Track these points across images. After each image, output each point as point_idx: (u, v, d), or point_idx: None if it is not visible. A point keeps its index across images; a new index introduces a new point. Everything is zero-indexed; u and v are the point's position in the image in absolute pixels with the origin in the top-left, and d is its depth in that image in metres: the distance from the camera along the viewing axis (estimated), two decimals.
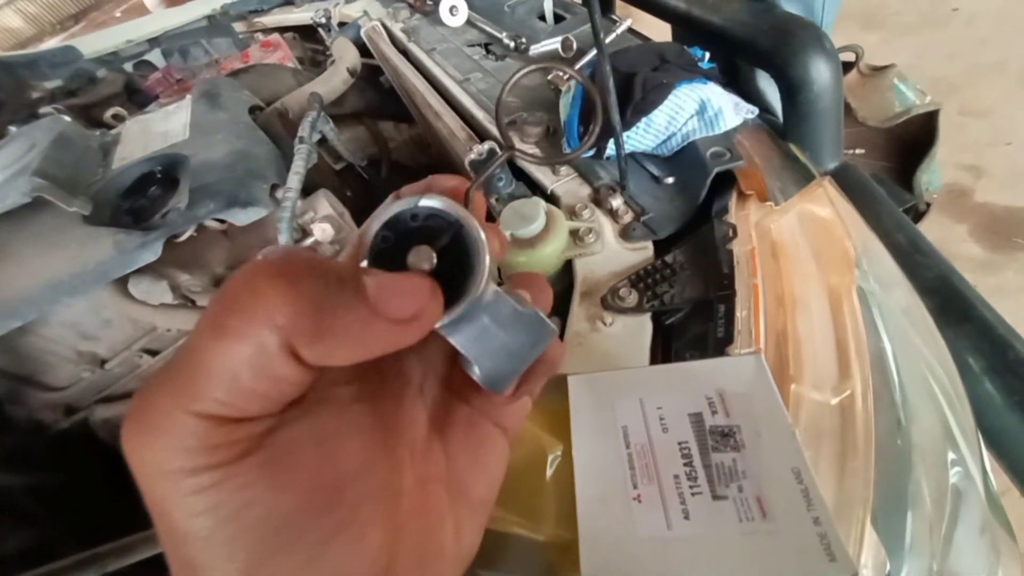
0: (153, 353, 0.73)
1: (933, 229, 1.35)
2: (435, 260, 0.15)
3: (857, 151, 0.90)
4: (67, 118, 0.72)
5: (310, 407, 0.14)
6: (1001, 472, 0.47)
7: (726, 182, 0.50)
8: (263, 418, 0.13)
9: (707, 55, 0.63)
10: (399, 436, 0.17)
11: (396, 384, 0.18)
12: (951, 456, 0.39)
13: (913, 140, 0.85)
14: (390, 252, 0.15)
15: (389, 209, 0.16)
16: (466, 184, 0.17)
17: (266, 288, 0.12)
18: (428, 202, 0.15)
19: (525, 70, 0.21)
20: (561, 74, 0.65)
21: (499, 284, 0.19)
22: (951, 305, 0.53)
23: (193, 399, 0.12)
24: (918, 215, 0.85)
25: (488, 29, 0.87)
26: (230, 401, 0.12)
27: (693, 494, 0.22)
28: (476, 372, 0.16)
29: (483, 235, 0.15)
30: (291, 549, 0.13)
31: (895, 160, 0.90)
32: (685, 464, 0.23)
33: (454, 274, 0.15)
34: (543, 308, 0.19)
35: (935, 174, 0.83)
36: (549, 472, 0.25)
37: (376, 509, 0.15)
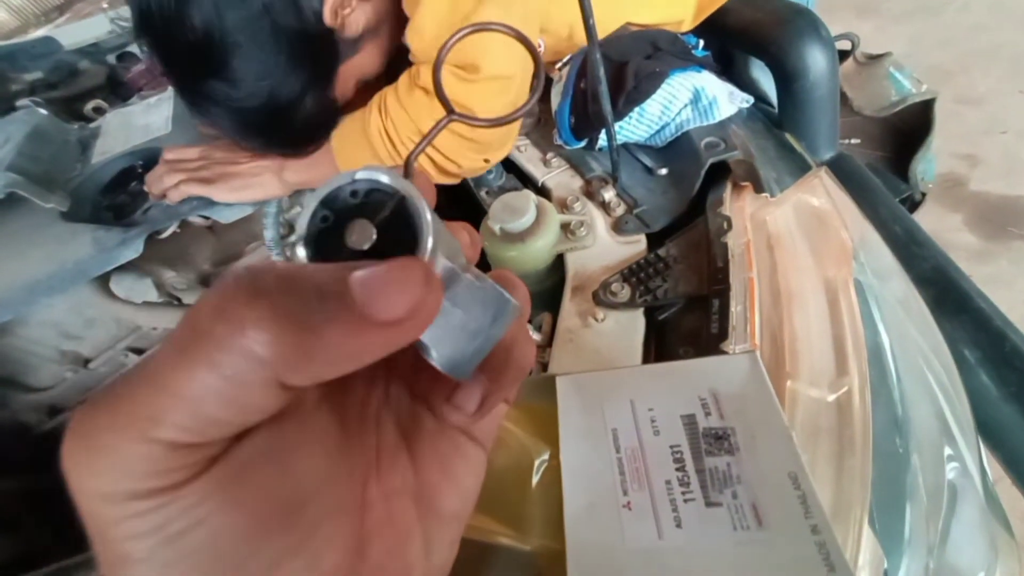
0: (139, 352, 0.72)
1: (928, 219, 1.35)
2: (375, 236, 0.14)
3: (852, 141, 0.89)
4: (43, 111, 0.70)
5: (271, 421, 0.13)
6: (994, 462, 0.47)
7: (721, 173, 0.49)
8: (222, 441, 0.12)
9: (701, 43, 0.62)
10: (362, 445, 0.16)
11: (360, 389, 0.17)
12: (948, 451, 0.38)
13: (908, 129, 0.85)
14: (329, 233, 0.14)
15: (326, 185, 0.14)
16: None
17: (241, 314, 0.11)
18: (366, 174, 0.14)
19: (463, 32, 0.20)
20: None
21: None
22: (947, 296, 0.53)
23: (151, 425, 0.11)
24: (913, 205, 0.84)
25: None
26: (193, 427, 0.11)
27: (685, 501, 0.21)
28: (434, 356, 0.15)
29: (425, 204, 0.14)
30: (237, 574, 0.11)
31: (890, 149, 0.89)
32: (677, 469, 0.22)
33: (399, 252, 0.14)
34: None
35: (930, 163, 0.82)
36: (536, 478, 0.24)
37: (336, 528, 0.14)
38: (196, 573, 0.11)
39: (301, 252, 0.14)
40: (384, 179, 0.14)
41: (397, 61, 0.59)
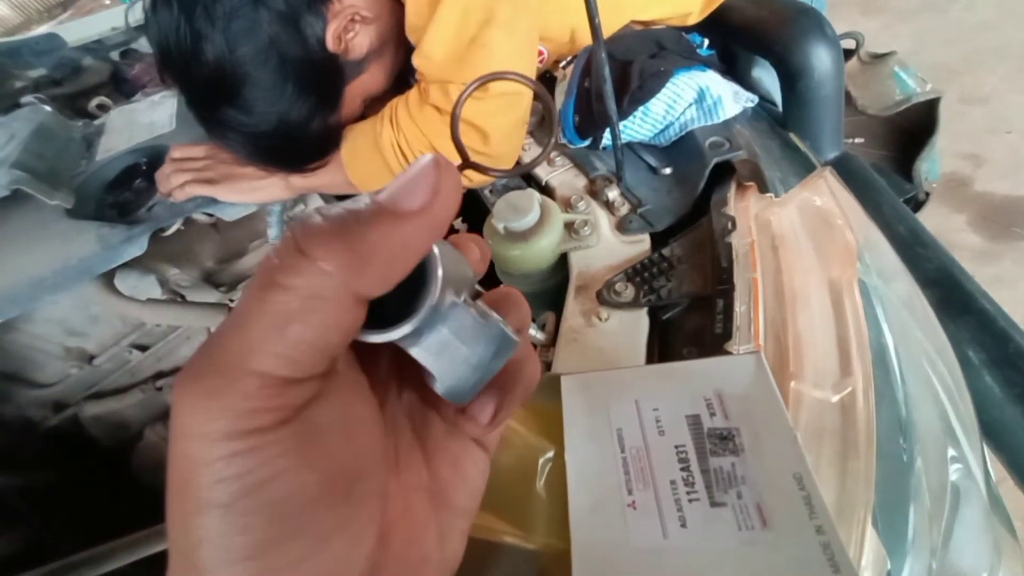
0: (143, 348, 0.72)
1: (932, 219, 1.34)
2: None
3: (856, 140, 0.89)
4: (48, 108, 0.70)
5: (338, 388, 0.14)
6: (996, 462, 0.47)
7: (725, 173, 0.49)
8: (306, 384, 0.13)
9: (706, 42, 0.61)
10: (388, 439, 0.17)
11: (380, 389, 0.18)
12: (952, 453, 0.38)
13: (913, 129, 0.84)
14: None
15: None
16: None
17: (301, 245, 0.12)
18: None
19: (478, 82, 0.21)
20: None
21: (477, 296, 0.18)
22: (952, 297, 0.53)
23: (249, 356, 0.12)
24: (917, 205, 0.84)
25: None
26: (286, 353, 0.12)
27: (690, 501, 0.21)
28: (437, 385, 0.16)
29: (435, 248, 0.15)
30: (298, 537, 0.12)
31: (895, 149, 0.88)
32: (682, 469, 0.22)
33: (414, 288, 0.15)
34: (518, 323, 0.18)
35: (935, 163, 0.82)
36: (541, 477, 0.24)
37: (373, 512, 0.15)
38: (268, 528, 0.12)
39: None
40: None
41: (402, 72, 0.60)
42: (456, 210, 0.14)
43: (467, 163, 0.20)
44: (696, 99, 0.53)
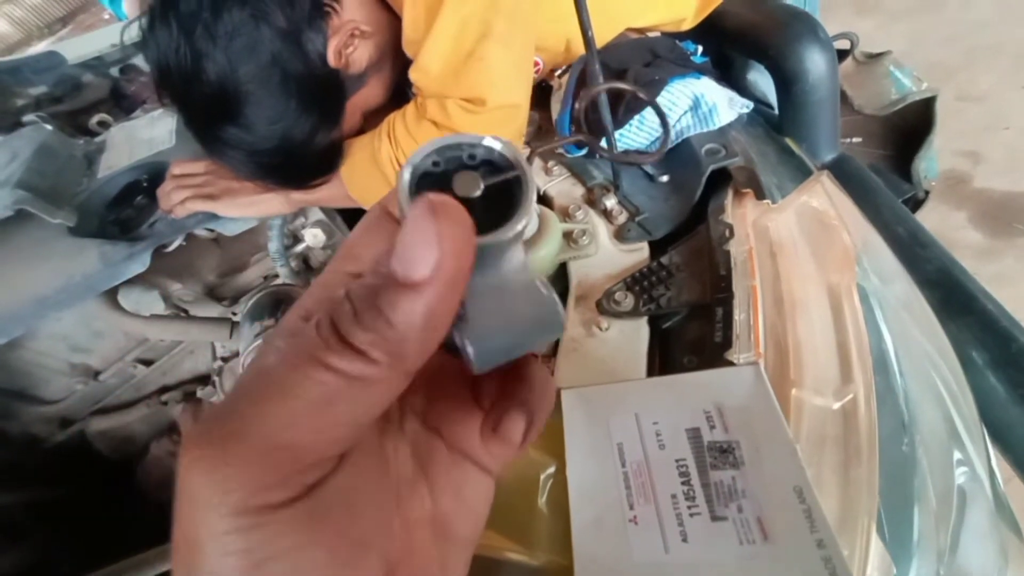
0: (147, 363, 0.72)
1: (932, 217, 1.34)
2: (480, 191, 0.14)
3: (854, 140, 0.89)
4: (49, 127, 0.71)
5: (350, 464, 0.14)
6: (1002, 461, 0.47)
7: (722, 179, 0.49)
8: (320, 465, 0.13)
9: (699, 49, 0.62)
10: (389, 478, 0.16)
11: (381, 423, 0.17)
12: (957, 456, 0.38)
13: (910, 127, 0.84)
14: (435, 180, 0.14)
15: (447, 138, 0.14)
16: None
17: (351, 334, 0.12)
18: (491, 143, 0.14)
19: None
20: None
21: None
22: (953, 298, 0.53)
23: (289, 427, 0.12)
24: (917, 204, 0.84)
25: None
26: (327, 431, 0.12)
27: (691, 515, 0.21)
28: (468, 333, 0.14)
29: (534, 191, 0.14)
30: None
31: (892, 148, 0.89)
32: (683, 483, 0.22)
33: (493, 221, 0.14)
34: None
35: (933, 161, 0.82)
36: (543, 494, 0.24)
37: (378, 569, 0.14)
38: None
39: (406, 176, 0.14)
40: (508, 153, 0.14)
41: (399, 84, 0.60)
42: (471, 249, 0.13)
43: (534, 151, 0.19)
44: (691, 107, 0.53)
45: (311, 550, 0.13)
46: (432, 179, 0.14)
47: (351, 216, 0.71)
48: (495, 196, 0.14)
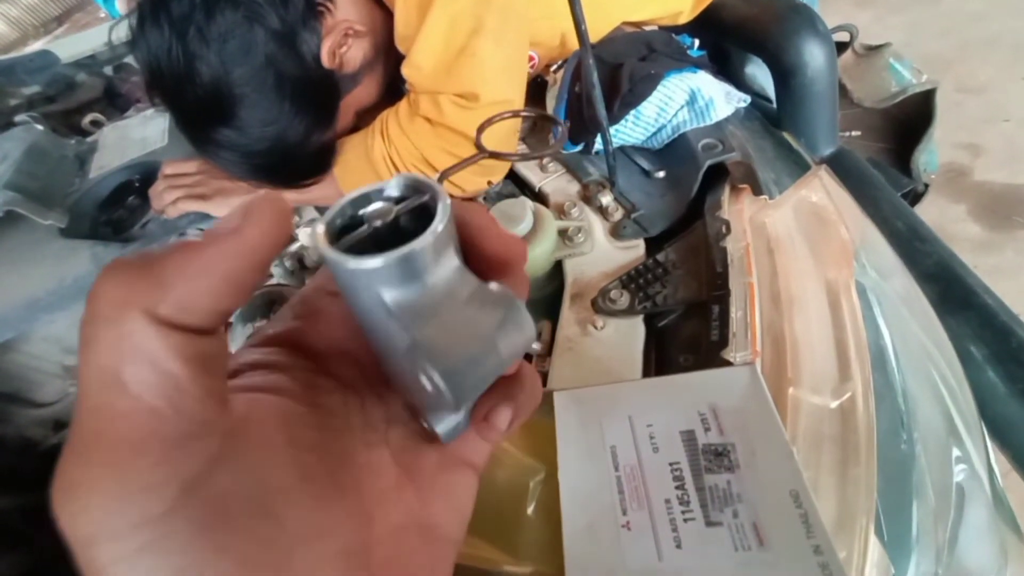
0: None
1: (931, 210, 1.34)
2: (394, 212, 0.14)
3: (853, 133, 0.88)
4: (40, 127, 0.70)
5: (245, 451, 0.13)
6: (999, 454, 0.47)
7: (719, 174, 0.48)
8: (193, 445, 0.12)
9: (696, 43, 0.61)
10: (366, 486, 0.16)
11: (361, 432, 0.17)
12: (956, 453, 0.38)
13: (909, 120, 0.84)
14: (352, 230, 0.14)
15: (360, 189, 0.15)
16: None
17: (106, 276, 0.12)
18: (394, 180, 0.15)
19: (499, 118, 0.21)
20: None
21: None
22: (952, 292, 0.52)
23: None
24: (916, 197, 0.83)
25: None
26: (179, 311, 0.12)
27: (685, 520, 0.21)
28: (434, 376, 0.13)
29: (448, 200, 0.14)
30: None
31: (892, 141, 0.88)
32: (677, 487, 0.22)
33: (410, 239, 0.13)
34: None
35: (932, 154, 0.81)
36: (532, 500, 0.23)
37: (341, 572, 0.14)
38: None
39: (320, 229, 0.14)
40: (419, 182, 0.14)
41: (392, 81, 0.60)
42: (278, 239, 0.13)
43: (482, 150, 0.19)
44: (688, 101, 0.53)
45: (216, 558, 0.11)
46: (349, 232, 0.14)
47: None
48: (421, 221, 0.14)
